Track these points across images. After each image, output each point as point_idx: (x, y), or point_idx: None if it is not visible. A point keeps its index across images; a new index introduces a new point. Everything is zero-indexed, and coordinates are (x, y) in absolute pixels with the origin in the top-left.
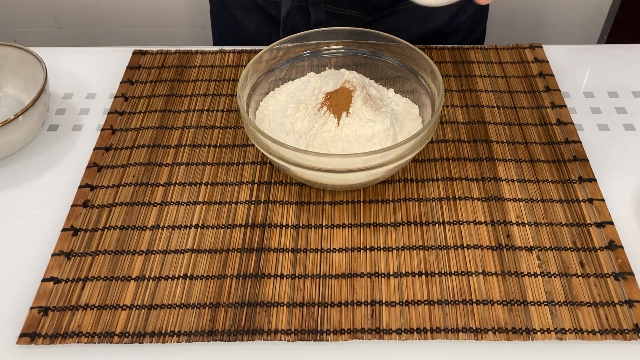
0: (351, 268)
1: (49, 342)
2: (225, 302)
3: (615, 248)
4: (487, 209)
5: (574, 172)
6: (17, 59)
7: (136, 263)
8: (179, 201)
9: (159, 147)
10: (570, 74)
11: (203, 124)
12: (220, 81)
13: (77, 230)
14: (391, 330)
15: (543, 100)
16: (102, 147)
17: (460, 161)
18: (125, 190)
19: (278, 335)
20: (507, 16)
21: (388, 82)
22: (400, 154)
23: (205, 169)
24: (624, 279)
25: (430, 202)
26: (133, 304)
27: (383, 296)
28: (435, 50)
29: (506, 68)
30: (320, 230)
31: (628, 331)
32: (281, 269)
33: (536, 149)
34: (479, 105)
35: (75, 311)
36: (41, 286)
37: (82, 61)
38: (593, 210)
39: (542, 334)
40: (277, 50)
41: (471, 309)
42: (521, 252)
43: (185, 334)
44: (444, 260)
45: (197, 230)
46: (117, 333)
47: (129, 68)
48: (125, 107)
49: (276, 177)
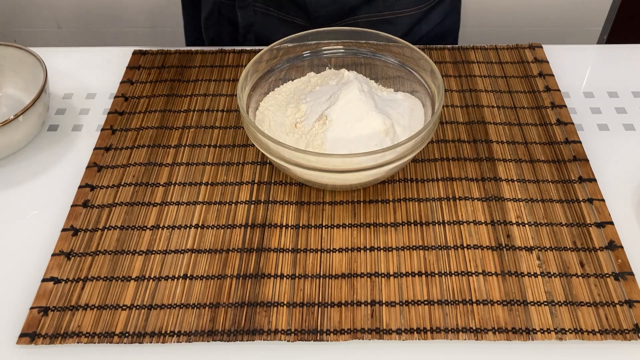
0: (351, 268)
1: (49, 342)
2: (225, 302)
3: (615, 248)
4: (487, 209)
5: (574, 172)
6: (17, 59)
7: (136, 263)
8: (179, 201)
9: (159, 147)
10: (570, 74)
11: (203, 124)
12: (220, 81)
13: (77, 231)
14: (391, 330)
15: (543, 100)
16: (102, 147)
17: (460, 161)
18: (125, 190)
19: (278, 335)
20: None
21: (388, 82)
22: (400, 154)
23: (205, 169)
24: (624, 279)
25: (430, 202)
26: (133, 304)
27: (383, 296)
28: (435, 50)
29: (506, 68)
30: (320, 230)
31: (628, 331)
32: (281, 269)
33: (536, 149)
34: (479, 105)
35: (75, 311)
36: (41, 286)
37: (82, 61)
38: (593, 210)
39: (542, 334)
40: (277, 50)
41: (471, 309)
42: (521, 252)
43: (185, 334)
44: (444, 260)
45: (197, 230)
46: (117, 333)
47: (129, 68)
48: (125, 107)
49: (276, 177)
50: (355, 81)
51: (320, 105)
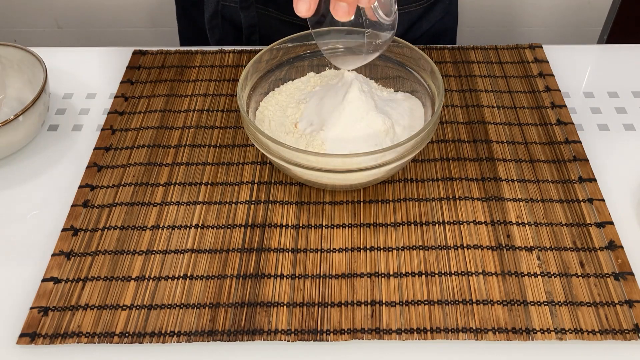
0: (351, 268)
1: (49, 342)
2: (225, 302)
3: (615, 248)
4: (487, 209)
5: (574, 172)
6: (17, 59)
7: (136, 263)
8: (179, 201)
9: (159, 147)
10: (570, 74)
11: (203, 124)
12: (220, 81)
13: (77, 230)
14: (391, 330)
15: (543, 100)
16: (102, 147)
17: (460, 161)
18: (125, 190)
19: (278, 335)
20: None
21: (388, 82)
22: (400, 154)
23: (205, 169)
24: (624, 279)
25: (430, 202)
26: (133, 304)
27: (383, 296)
28: (435, 50)
29: (506, 68)
30: (320, 230)
31: (628, 331)
32: (281, 269)
33: (536, 149)
34: (479, 105)
35: (75, 311)
36: (41, 286)
37: (82, 61)
38: (593, 210)
39: (542, 334)
40: (277, 50)
41: (471, 309)
42: (521, 252)
43: (185, 334)
44: (444, 260)
45: (197, 230)
46: (117, 333)
47: (129, 68)
48: (125, 107)
49: (276, 177)
50: (356, 81)
51: (320, 105)
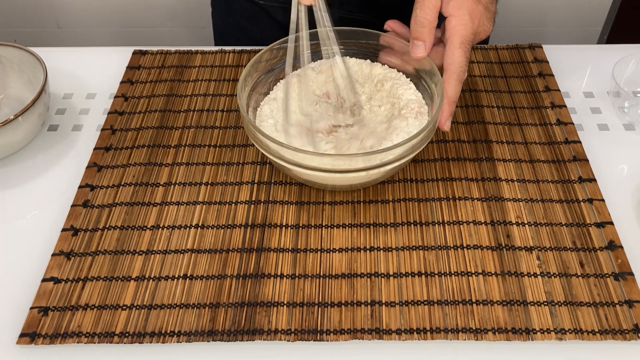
0: (351, 268)
1: (49, 342)
2: (225, 302)
3: (615, 248)
4: (487, 209)
5: (573, 172)
6: (17, 59)
7: (136, 263)
8: (179, 201)
9: (159, 147)
10: (570, 74)
11: (203, 124)
12: (220, 81)
13: (77, 230)
14: (391, 331)
15: (543, 100)
16: (102, 147)
17: (460, 161)
18: (125, 190)
19: (278, 335)
20: (507, 16)
21: None
22: (400, 154)
23: (205, 169)
24: (624, 279)
25: (430, 202)
26: (133, 304)
27: (383, 296)
28: None
29: (506, 68)
30: (320, 230)
31: (628, 331)
32: (281, 269)
33: (536, 149)
34: (479, 105)
35: (75, 311)
36: (41, 286)
37: (82, 61)
38: (593, 211)
39: (542, 334)
40: (277, 50)
41: (471, 309)
42: (521, 252)
43: (185, 334)
44: (443, 260)
45: (197, 230)
46: (117, 333)
47: (129, 68)
48: (125, 107)
49: (276, 177)
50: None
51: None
